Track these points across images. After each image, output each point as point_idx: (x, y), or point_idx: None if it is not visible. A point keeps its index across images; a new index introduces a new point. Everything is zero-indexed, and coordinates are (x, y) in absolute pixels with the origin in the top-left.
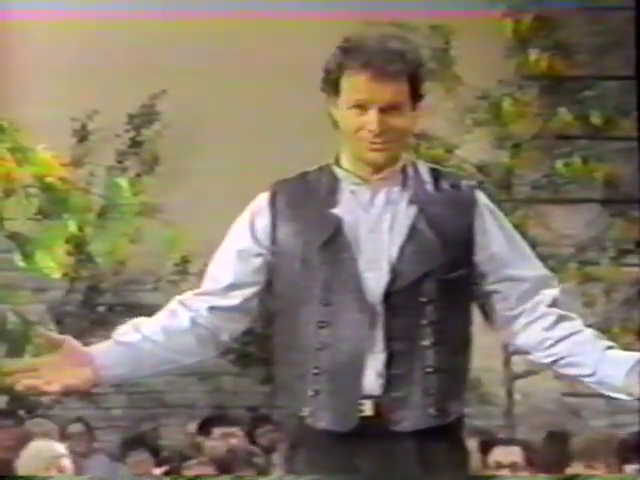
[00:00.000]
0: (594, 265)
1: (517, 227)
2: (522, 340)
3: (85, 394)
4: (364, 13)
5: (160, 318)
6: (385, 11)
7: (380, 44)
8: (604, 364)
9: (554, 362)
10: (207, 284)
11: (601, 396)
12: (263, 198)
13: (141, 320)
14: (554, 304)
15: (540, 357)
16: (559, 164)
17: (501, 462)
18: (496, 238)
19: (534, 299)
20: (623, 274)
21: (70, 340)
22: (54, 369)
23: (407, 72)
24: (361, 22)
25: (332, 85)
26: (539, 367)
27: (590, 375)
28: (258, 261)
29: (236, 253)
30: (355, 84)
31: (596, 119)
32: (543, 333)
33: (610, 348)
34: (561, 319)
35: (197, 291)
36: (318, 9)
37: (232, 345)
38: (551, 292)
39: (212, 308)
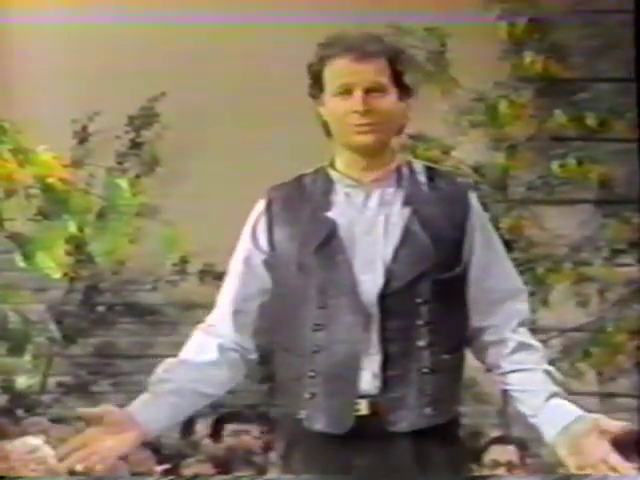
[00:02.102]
0: (588, 265)
1: (512, 228)
2: (482, 357)
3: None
4: (360, 16)
5: (190, 355)
6: (381, 14)
7: (359, 32)
8: (544, 412)
9: (504, 390)
10: (223, 302)
11: (595, 395)
12: (260, 204)
13: (172, 364)
14: (522, 324)
15: (495, 379)
16: (554, 165)
17: (498, 460)
18: (478, 242)
19: (501, 315)
20: (617, 274)
21: (109, 409)
22: (102, 441)
23: (386, 53)
24: (357, 25)
25: (316, 81)
26: None
27: (532, 416)
28: (263, 268)
29: (243, 264)
30: (337, 69)
31: (591, 121)
32: (499, 360)
33: (555, 395)
34: (520, 349)
35: (216, 313)
36: (315, 12)
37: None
38: (519, 309)
39: (235, 328)
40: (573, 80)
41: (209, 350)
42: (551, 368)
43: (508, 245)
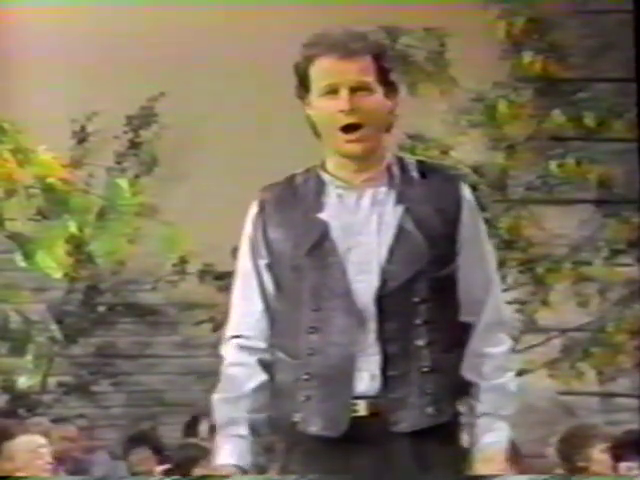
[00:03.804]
0: (588, 265)
1: (511, 228)
2: None
3: None
4: (359, 16)
5: (240, 385)
6: (380, 14)
7: (343, 30)
8: (472, 426)
9: None
10: (248, 309)
11: (596, 395)
12: (253, 207)
13: (230, 400)
14: (500, 324)
15: None
16: (553, 165)
17: None
18: (468, 236)
19: (475, 313)
20: (616, 274)
21: (229, 470)
22: None
23: (370, 49)
24: (356, 25)
25: (302, 81)
26: (534, 365)
27: (469, 427)
28: (267, 271)
29: (253, 269)
30: (322, 69)
31: (589, 121)
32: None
33: (484, 415)
34: (475, 357)
35: (244, 321)
36: (314, 12)
37: None
38: (495, 309)
39: (268, 331)
40: (572, 80)
41: (254, 373)
42: (501, 381)
43: (508, 245)
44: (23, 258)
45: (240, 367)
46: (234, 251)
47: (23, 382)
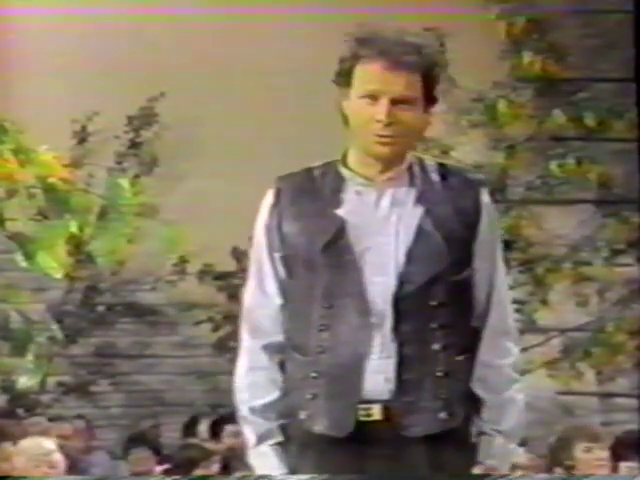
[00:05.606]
0: (588, 265)
1: (511, 228)
2: None
3: None
4: (359, 15)
5: (267, 391)
6: (380, 13)
7: (397, 35)
8: (478, 446)
9: None
10: (265, 302)
11: (595, 395)
12: (269, 196)
13: (260, 410)
14: (504, 332)
15: None
16: (553, 165)
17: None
18: (486, 241)
19: (484, 318)
20: (616, 274)
21: None
22: None
23: (422, 66)
24: (356, 24)
25: (345, 75)
26: (533, 365)
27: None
28: (281, 264)
29: (269, 261)
30: (368, 73)
31: (590, 121)
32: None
33: (483, 434)
34: (481, 369)
35: (263, 314)
36: (314, 13)
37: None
38: (500, 313)
39: (284, 324)
40: (572, 80)
41: (277, 378)
42: (507, 395)
43: (508, 245)
44: (24, 258)
45: (263, 372)
46: (234, 251)
47: (24, 382)
